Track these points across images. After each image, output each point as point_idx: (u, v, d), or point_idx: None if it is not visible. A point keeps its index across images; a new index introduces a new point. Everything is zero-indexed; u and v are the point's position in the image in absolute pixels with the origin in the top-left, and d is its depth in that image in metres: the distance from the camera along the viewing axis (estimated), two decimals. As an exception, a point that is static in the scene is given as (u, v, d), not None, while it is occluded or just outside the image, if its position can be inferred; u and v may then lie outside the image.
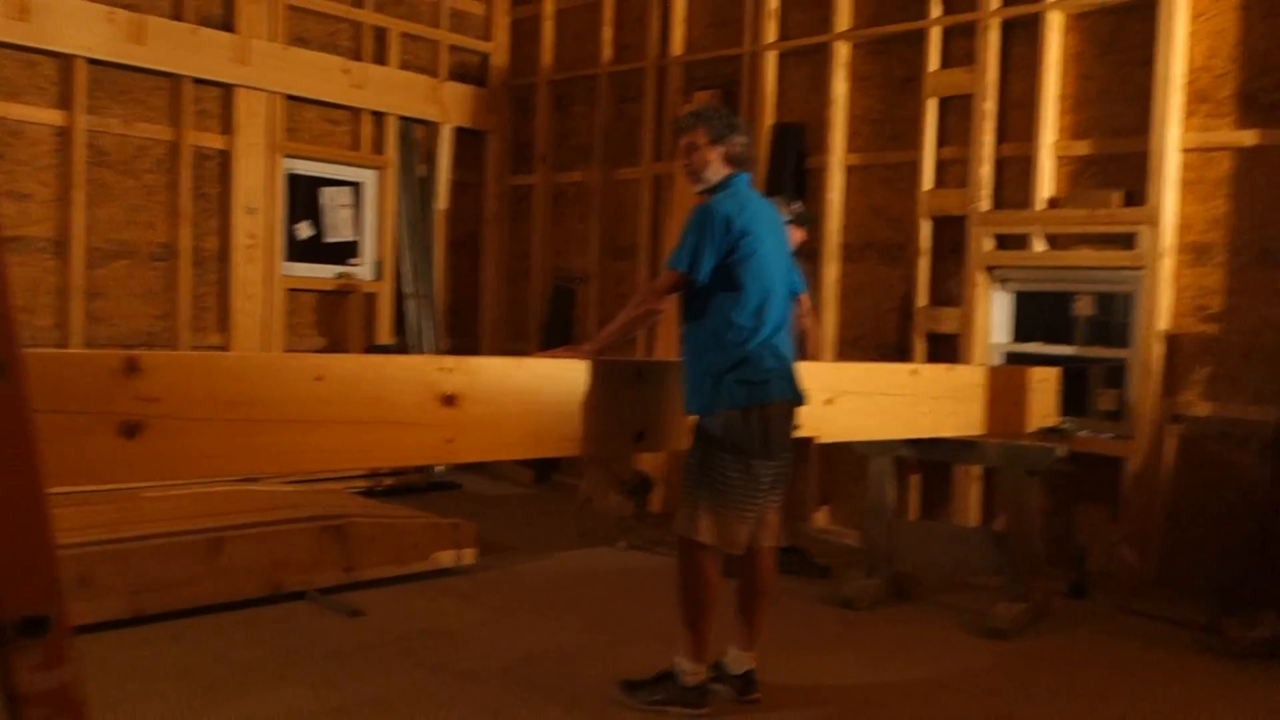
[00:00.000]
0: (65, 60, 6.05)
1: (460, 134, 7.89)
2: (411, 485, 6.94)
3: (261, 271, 6.85)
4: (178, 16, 6.47)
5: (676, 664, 3.50)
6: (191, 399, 2.45)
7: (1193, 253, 5.07)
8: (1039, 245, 5.46)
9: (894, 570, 4.91)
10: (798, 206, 5.26)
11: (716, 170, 3.48)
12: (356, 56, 7.30)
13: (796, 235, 5.22)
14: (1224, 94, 5.00)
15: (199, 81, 6.56)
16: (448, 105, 7.75)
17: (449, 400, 2.88)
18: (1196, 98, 5.08)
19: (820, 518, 6.31)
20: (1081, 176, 5.45)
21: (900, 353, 5.95)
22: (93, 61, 6.13)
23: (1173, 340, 5.10)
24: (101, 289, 6.28)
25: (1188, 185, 5.09)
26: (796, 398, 3.46)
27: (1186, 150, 5.09)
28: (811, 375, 3.85)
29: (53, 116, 6.06)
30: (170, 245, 6.54)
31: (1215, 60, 5.02)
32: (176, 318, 6.53)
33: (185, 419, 2.44)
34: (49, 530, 1.20)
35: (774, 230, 3.53)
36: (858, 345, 6.20)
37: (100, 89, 6.23)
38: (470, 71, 8.04)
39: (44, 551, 1.19)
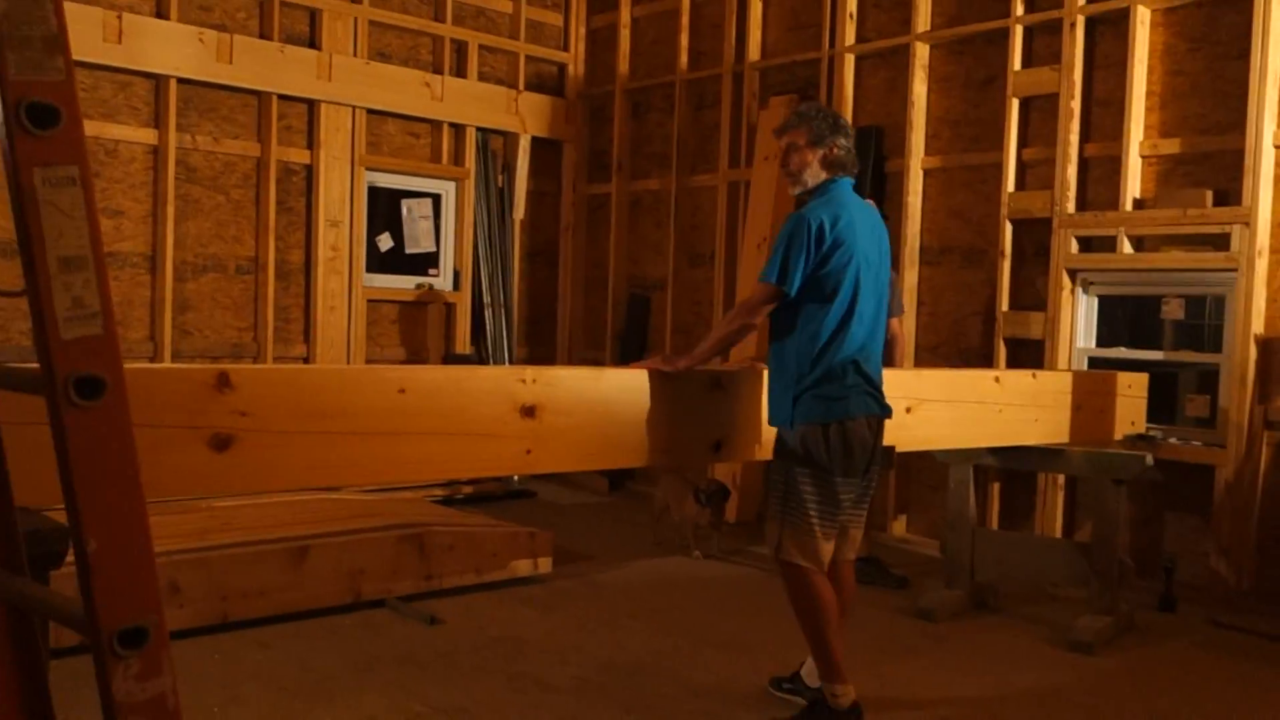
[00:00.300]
0: (157, 80, 6.25)
1: (537, 144, 7.97)
2: (488, 494, 7.01)
3: (344, 283, 6.99)
4: (265, 35, 6.65)
5: (824, 688, 3.39)
6: (279, 412, 2.51)
7: (1288, 254, 4.91)
8: (1126, 247, 5.33)
9: (975, 581, 4.83)
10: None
11: (815, 174, 3.36)
12: (436, 70, 7.42)
13: None
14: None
15: (284, 98, 6.71)
16: (525, 116, 7.83)
17: (528, 411, 2.91)
18: (1292, 93, 4.92)
19: (898, 527, 6.23)
20: (1170, 176, 5.31)
21: (982, 359, 5.86)
22: (183, 81, 6.32)
23: (1267, 344, 4.93)
24: (190, 302, 6.46)
25: (1283, 183, 4.93)
26: (881, 413, 3.36)
27: (1282, 147, 4.93)
28: (891, 383, 3.81)
29: (145, 135, 6.26)
30: (256, 258, 6.70)
31: (1312, 54, 4.85)
32: (261, 330, 6.69)
33: (273, 432, 2.50)
34: (149, 543, 1.24)
35: (872, 240, 3.37)
36: (938, 352, 6.11)
37: (190, 107, 6.42)
38: (547, 82, 8.11)
39: (144, 564, 1.23)
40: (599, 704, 3.59)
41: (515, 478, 7.09)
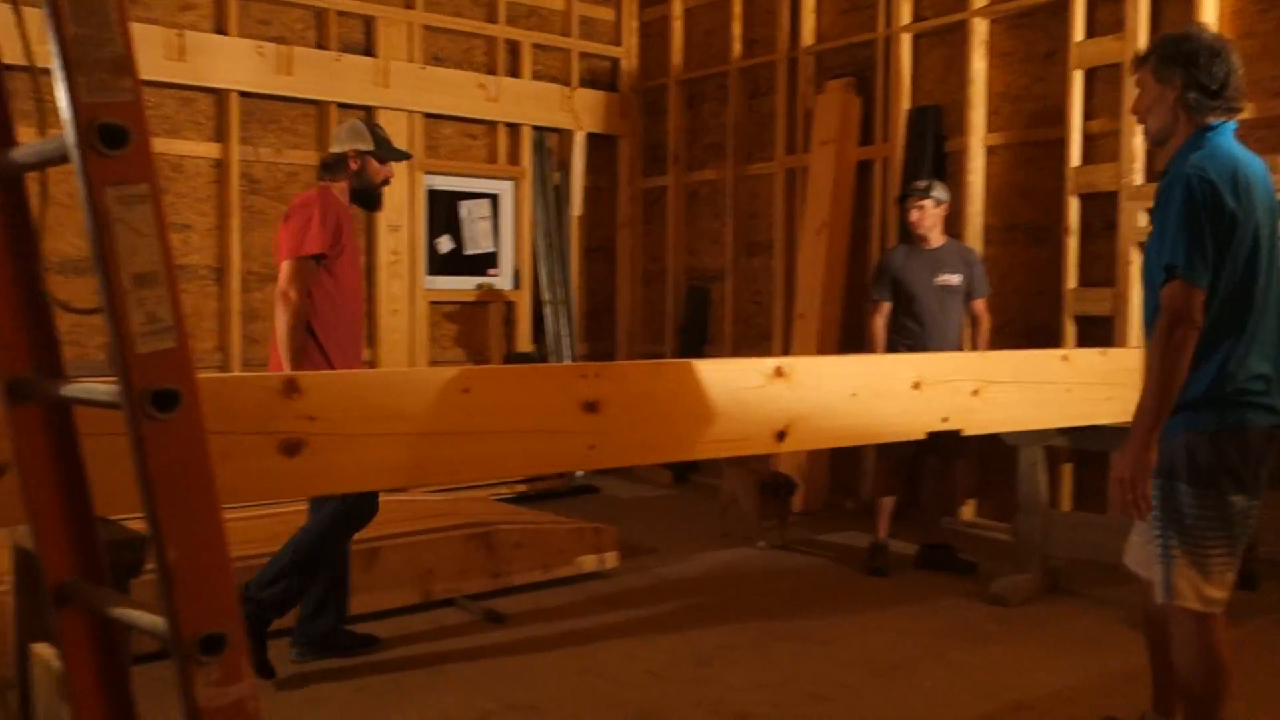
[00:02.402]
0: (219, 95, 6.38)
1: (593, 139, 7.99)
2: (552, 490, 7.05)
3: (405, 286, 7.07)
4: (321, 45, 6.75)
5: None
6: (347, 416, 2.56)
7: (1369, 220, 4.75)
8: (1196, 220, 5.19)
9: (1048, 564, 4.75)
10: (939, 189, 5.20)
11: (1174, 120, 2.73)
12: (491, 70, 7.47)
13: (935, 215, 5.15)
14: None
15: (343, 106, 6.81)
16: (580, 112, 7.86)
17: (591, 407, 2.93)
18: (1367, 53, 4.76)
19: (967, 511, 6.15)
20: (1243, 142, 5.15)
21: (1050, 337, 5.75)
22: (244, 94, 6.44)
23: (1349, 314, 4.78)
24: (258, 311, 6.58)
25: (1360, 147, 4.77)
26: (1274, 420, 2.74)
27: (1358, 110, 4.77)
28: (957, 364, 3.77)
29: (209, 149, 6.40)
30: (321, 264, 6.80)
31: (1386, 12, 4.69)
32: (330, 334, 6.79)
33: (342, 435, 2.55)
34: (225, 550, 1.27)
35: (1267, 199, 2.72)
36: (1004, 332, 6.01)
37: (252, 120, 6.54)
38: (601, 77, 8.13)
39: (222, 571, 1.26)
40: (669, 697, 3.60)
41: (579, 473, 7.12)
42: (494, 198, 7.63)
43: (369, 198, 4.06)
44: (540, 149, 7.73)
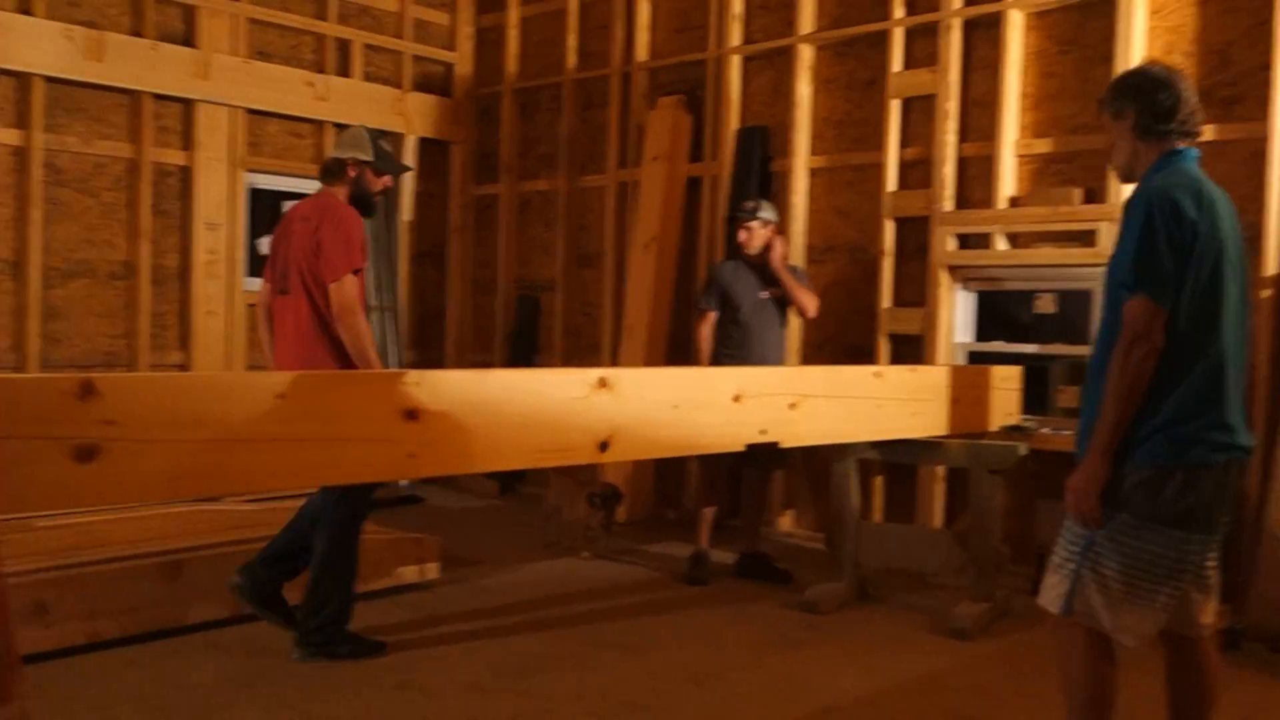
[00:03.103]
0: (22, 79, 5.99)
1: (425, 144, 7.87)
2: (374, 500, 6.88)
3: (223, 288, 6.80)
4: (137, 33, 6.42)
5: None
6: (150, 421, 2.45)
7: (1150, 251, 5.13)
8: (1001, 244, 5.51)
9: (859, 573, 4.94)
10: (766, 209, 5.34)
11: (1133, 152, 2.76)
12: (320, 69, 7.27)
13: (763, 235, 5.28)
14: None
15: (159, 97, 6.51)
16: (412, 116, 7.73)
17: (412, 414, 2.89)
18: (1152, 96, 5.13)
19: (784, 522, 6.33)
20: (1043, 175, 5.51)
21: (867, 354, 5.99)
22: (50, 80, 6.07)
23: (1132, 338, 5.14)
24: (60, 309, 6.21)
25: (1145, 183, 5.15)
26: (1238, 453, 2.66)
27: (1143, 148, 5.14)
28: (776, 379, 3.88)
29: (9, 136, 6.00)
30: (130, 263, 6.48)
31: (1172, 56, 5.06)
32: (136, 337, 6.47)
33: (142, 441, 2.44)
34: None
35: (1233, 230, 2.70)
36: (824, 348, 6.23)
37: (58, 107, 6.17)
38: (434, 82, 8.02)
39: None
40: (488, 710, 3.57)
41: (404, 483, 6.99)
42: (320, 199, 7.42)
43: (365, 205, 4.13)
44: (370, 151, 7.56)
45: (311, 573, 3.93)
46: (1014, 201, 5.53)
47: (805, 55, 6.27)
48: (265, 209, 7.16)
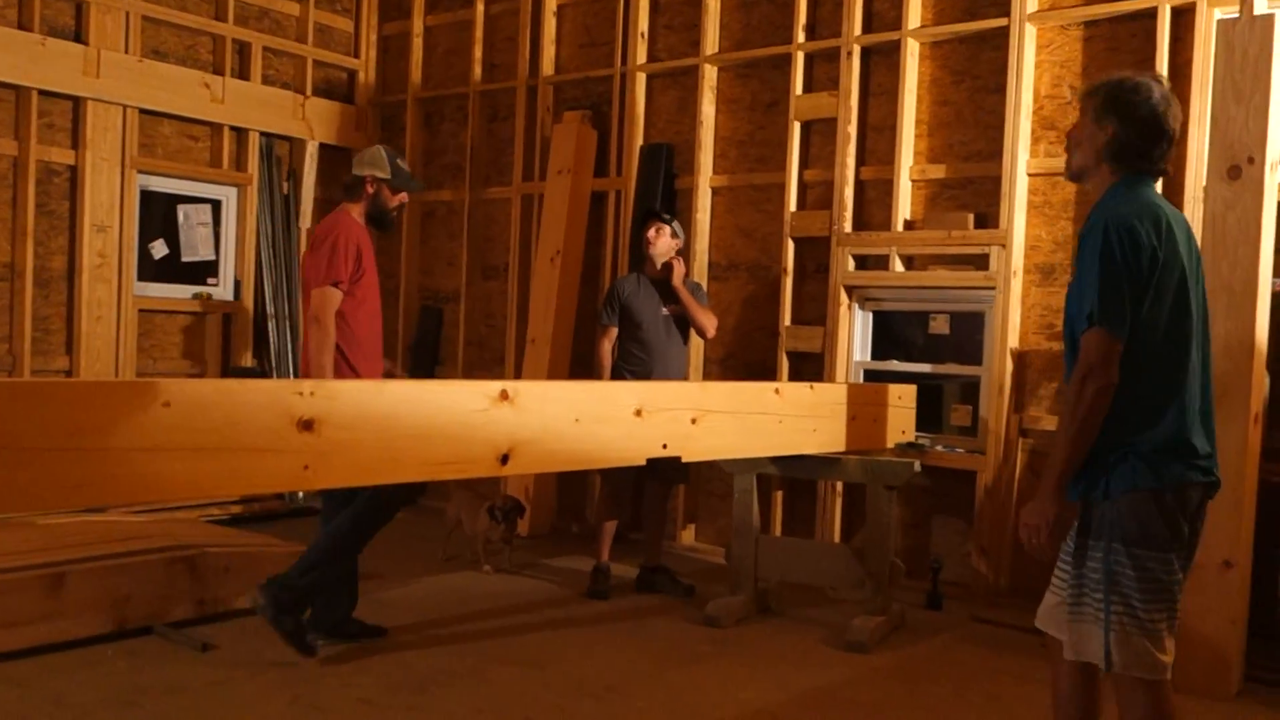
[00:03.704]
0: (-104, 69, 5.74)
1: (326, 151, 7.73)
2: (271, 512, 6.74)
3: (112, 292, 6.57)
4: (24, 26, 6.19)
5: None
6: (24, 429, 2.34)
7: (1040, 273, 5.31)
8: (897, 266, 5.63)
9: (759, 587, 4.98)
10: (678, 226, 5.40)
11: (1095, 164, 2.67)
12: (217, 71, 7.09)
13: (668, 244, 5.31)
14: (1069, 121, 5.24)
15: (46, 94, 6.28)
16: (313, 122, 7.59)
17: (306, 425, 2.81)
18: (1043, 124, 5.32)
19: (686, 536, 6.37)
20: (938, 199, 5.65)
21: (768, 371, 6.06)
22: (-73, 71, 5.82)
23: (1021, 357, 5.32)
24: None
25: (1035, 208, 5.33)
26: (1212, 478, 2.60)
27: (1034, 175, 5.32)
28: (677, 394, 3.89)
29: (-118, 128, 5.73)
30: (12, 265, 6.22)
31: (1060, 89, 5.27)
32: (18, 341, 6.21)
33: (18, 449, 2.33)
34: None
35: (1192, 253, 2.65)
36: (726, 364, 6.29)
37: (-65, 100, 5.91)
38: (337, 88, 7.89)
39: None
40: (383, 726, 3.50)
41: (300, 495, 6.83)
42: (216, 204, 7.24)
43: (382, 220, 4.39)
44: (269, 156, 7.41)
45: (320, 539, 4.12)
46: (910, 225, 5.66)
47: (710, 75, 6.34)
48: (158, 211, 6.96)
